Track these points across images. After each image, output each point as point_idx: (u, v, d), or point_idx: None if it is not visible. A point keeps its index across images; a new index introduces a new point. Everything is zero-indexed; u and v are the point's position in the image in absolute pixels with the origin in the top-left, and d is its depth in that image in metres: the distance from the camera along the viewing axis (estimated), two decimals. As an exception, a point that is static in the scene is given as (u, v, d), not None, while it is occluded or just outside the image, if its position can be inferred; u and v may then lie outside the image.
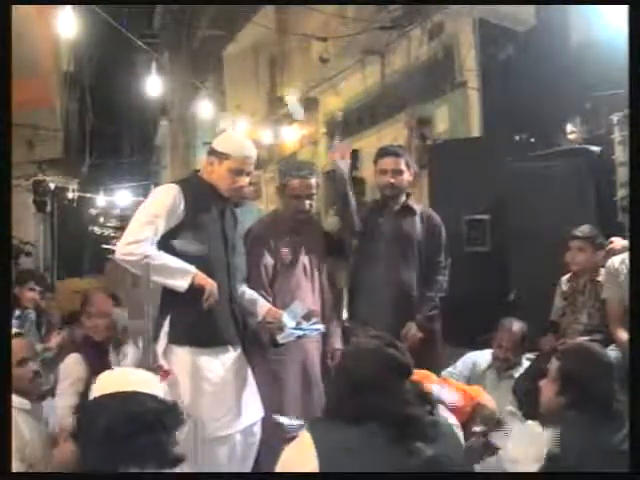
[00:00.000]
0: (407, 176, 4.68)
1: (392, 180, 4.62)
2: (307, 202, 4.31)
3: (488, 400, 3.82)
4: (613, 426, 2.85)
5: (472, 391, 3.86)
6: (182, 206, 3.69)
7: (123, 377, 2.35)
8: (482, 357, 4.93)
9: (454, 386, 3.70)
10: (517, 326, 4.82)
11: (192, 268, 3.62)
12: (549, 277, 5.28)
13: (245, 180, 3.83)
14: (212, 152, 3.84)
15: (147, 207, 3.73)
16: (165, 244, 3.68)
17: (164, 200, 3.70)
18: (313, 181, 4.34)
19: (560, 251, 5.07)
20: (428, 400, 2.55)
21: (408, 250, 4.65)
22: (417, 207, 4.77)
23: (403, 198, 4.72)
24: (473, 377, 4.82)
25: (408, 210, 4.71)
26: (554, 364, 3.04)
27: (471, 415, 3.61)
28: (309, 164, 4.77)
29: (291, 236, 4.37)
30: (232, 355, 3.79)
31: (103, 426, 2.18)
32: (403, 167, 4.65)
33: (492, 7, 7.38)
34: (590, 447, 2.77)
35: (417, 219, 4.69)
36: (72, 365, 4.27)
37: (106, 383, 2.33)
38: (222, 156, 3.78)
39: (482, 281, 5.94)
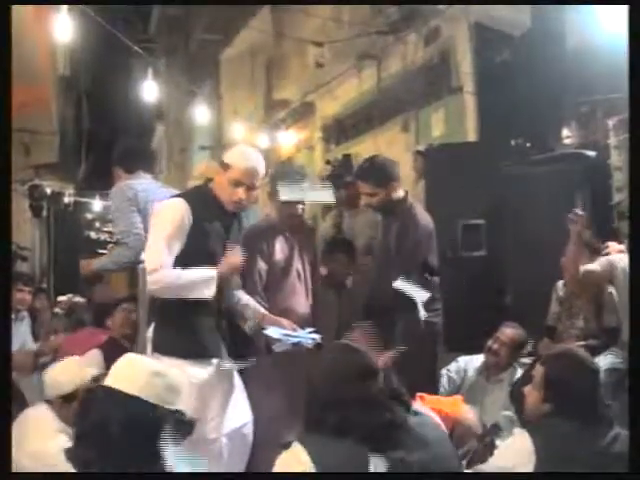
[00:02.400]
0: (383, 194, 4.61)
1: (367, 202, 4.72)
2: (299, 206, 4.32)
3: (466, 413, 3.79)
4: (600, 429, 2.84)
5: (448, 406, 3.82)
6: (190, 221, 3.64)
7: (148, 375, 2.34)
8: (472, 363, 4.91)
9: (429, 406, 3.70)
10: (515, 332, 4.79)
11: (212, 272, 3.61)
12: (545, 282, 5.28)
13: (244, 193, 3.72)
14: (220, 163, 3.82)
15: (159, 230, 3.66)
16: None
17: (174, 219, 3.63)
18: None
19: (556, 256, 5.08)
20: (401, 399, 2.53)
21: (385, 252, 4.68)
22: (400, 209, 4.71)
23: (398, 199, 4.70)
24: (463, 383, 4.82)
25: (388, 214, 4.71)
26: (539, 371, 3.02)
27: (450, 432, 3.60)
28: (300, 168, 4.76)
29: (284, 241, 4.37)
30: (218, 363, 3.75)
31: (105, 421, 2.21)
32: (373, 190, 4.60)
33: (488, 11, 7.40)
34: (578, 452, 2.75)
35: (396, 220, 4.67)
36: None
37: (128, 374, 2.34)
38: (225, 166, 3.75)
39: (478, 286, 5.94)
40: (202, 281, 3.59)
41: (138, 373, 2.32)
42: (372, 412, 2.41)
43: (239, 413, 3.83)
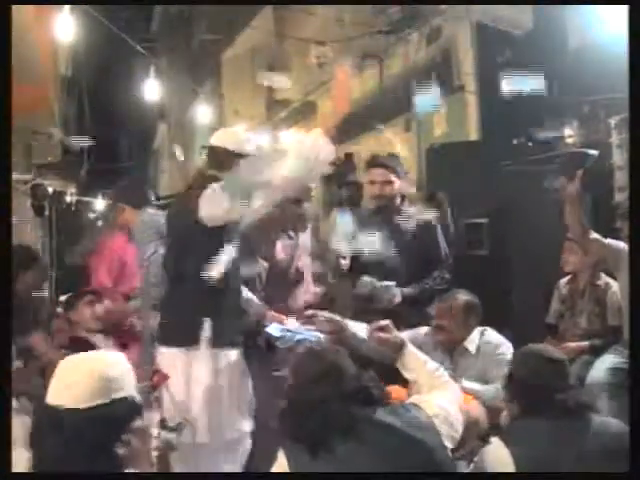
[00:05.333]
0: (397, 185, 4.76)
1: (380, 192, 4.72)
2: (305, 205, 4.30)
3: (473, 408, 3.77)
4: (578, 425, 2.79)
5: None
6: None
7: (85, 380, 2.14)
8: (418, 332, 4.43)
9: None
10: (460, 300, 4.20)
11: None
12: (548, 280, 5.29)
13: None
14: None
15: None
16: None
17: None
18: (312, 184, 4.33)
19: (558, 255, 5.09)
20: (371, 397, 2.50)
21: (398, 254, 4.69)
22: (410, 211, 4.80)
23: (398, 201, 4.76)
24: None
25: (399, 214, 4.78)
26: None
27: None
28: None
29: (286, 239, 4.35)
30: (224, 359, 3.73)
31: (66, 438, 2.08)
32: (392, 178, 4.72)
33: (489, 11, 7.39)
34: (561, 450, 2.70)
35: (409, 222, 4.73)
36: None
37: (67, 387, 2.15)
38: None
39: (481, 285, 5.93)
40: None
41: (87, 382, 2.13)
42: (326, 417, 2.40)
43: (244, 413, 3.80)
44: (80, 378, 2.14)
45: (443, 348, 4.18)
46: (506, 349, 4.02)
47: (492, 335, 4.18)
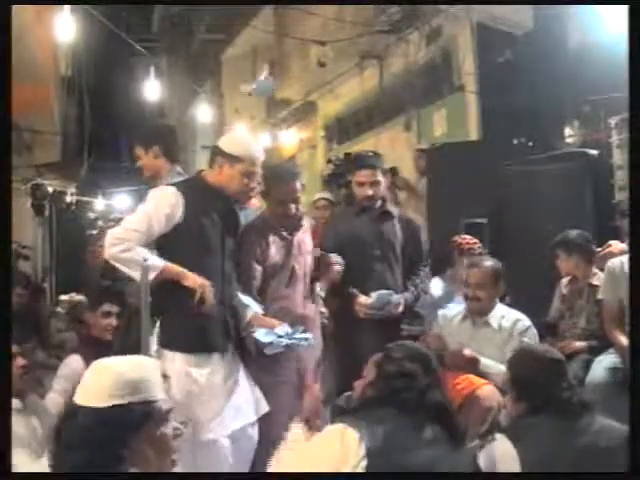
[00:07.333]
0: (384, 184, 4.77)
1: (370, 192, 4.67)
2: (292, 206, 4.25)
3: (488, 393, 3.77)
4: (581, 424, 2.81)
5: (473, 378, 3.84)
6: (181, 209, 3.65)
7: (115, 381, 2.13)
8: (451, 309, 4.73)
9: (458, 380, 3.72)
10: (488, 264, 4.46)
11: (160, 262, 3.54)
12: (547, 280, 5.29)
13: (254, 182, 3.82)
14: (221, 153, 3.79)
15: (145, 208, 3.69)
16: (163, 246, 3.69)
17: (163, 206, 3.65)
18: (297, 184, 4.28)
19: (558, 254, 5.09)
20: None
21: (390, 254, 4.68)
22: (394, 211, 4.82)
23: (379, 203, 4.75)
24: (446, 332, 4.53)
25: (387, 215, 4.76)
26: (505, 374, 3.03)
27: (463, 400, 3.59)
28: (292, 167, 4.68)
29: (280, 240, 4.32)
30: (222, 360, 3.73)
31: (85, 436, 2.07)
32: (379, 177, 4.70)
33: (490, 11, 7.40)
34: (563, 449, 2.72)
35: (396, 222, 4.74)
36: (70, 365, 4.28)
37: (95, 387, 2.15)
38: (233, 159, 3.75)
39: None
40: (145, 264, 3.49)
41: (104, 383, 2.13)
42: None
43: (243, 412, 3.77)
44: (100, 378, 2.15)
45: (470, 321, 4.43)
46: (524, 324, 4.30)
47: (511, 312, 4.44)
